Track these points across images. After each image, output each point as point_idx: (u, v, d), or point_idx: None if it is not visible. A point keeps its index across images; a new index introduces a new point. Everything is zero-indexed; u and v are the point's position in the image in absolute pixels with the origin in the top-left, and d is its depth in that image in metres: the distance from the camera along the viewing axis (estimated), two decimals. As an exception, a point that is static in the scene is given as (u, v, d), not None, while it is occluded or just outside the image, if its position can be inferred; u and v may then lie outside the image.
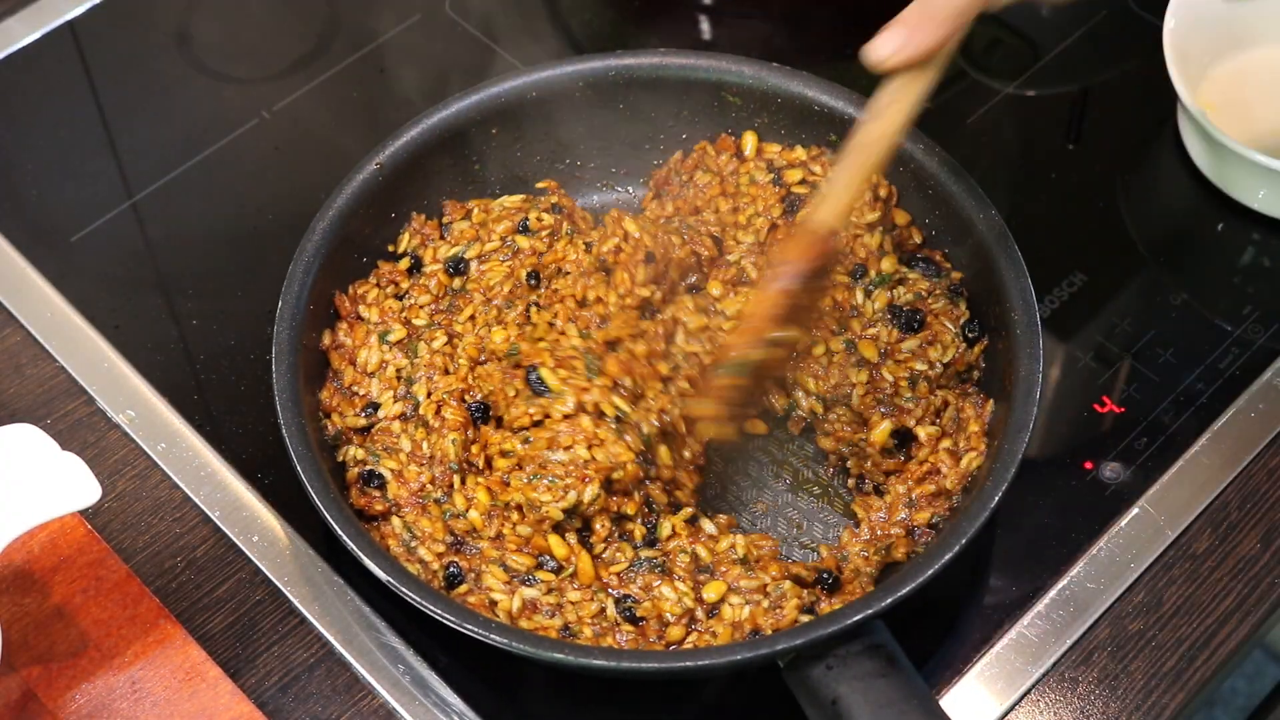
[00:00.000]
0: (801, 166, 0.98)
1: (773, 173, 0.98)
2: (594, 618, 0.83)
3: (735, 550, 0.85)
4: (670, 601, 0.83)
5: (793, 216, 0.96)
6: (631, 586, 0.84)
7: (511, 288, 0.94)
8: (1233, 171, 1.03)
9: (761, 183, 0.98)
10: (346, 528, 0.81)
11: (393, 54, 1.16)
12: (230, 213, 1.07)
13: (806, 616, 0.82)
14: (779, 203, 0.97)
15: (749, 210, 0.97)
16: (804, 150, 0.99)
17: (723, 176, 0.99)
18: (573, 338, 0.89)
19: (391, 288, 0.95)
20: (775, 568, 0.84)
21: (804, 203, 0.96)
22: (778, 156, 0.99)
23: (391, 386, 0.91)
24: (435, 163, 0.98)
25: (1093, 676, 0.86)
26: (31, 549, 0.87)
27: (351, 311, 0.93)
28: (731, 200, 0.98)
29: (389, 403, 0.90)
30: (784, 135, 1.00)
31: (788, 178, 0.98)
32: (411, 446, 0.88)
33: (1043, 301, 0.98)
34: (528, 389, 0.87)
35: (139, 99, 1.14)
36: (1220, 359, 0.97)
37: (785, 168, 0.98)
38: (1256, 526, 0.90)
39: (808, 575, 0.84)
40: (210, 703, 0.83)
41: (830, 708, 0.75)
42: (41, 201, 1.08)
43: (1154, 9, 1.08)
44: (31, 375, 0.98)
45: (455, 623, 0.78)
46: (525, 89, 0.98)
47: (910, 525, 0.87)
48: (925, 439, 0.88)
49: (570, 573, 0.84)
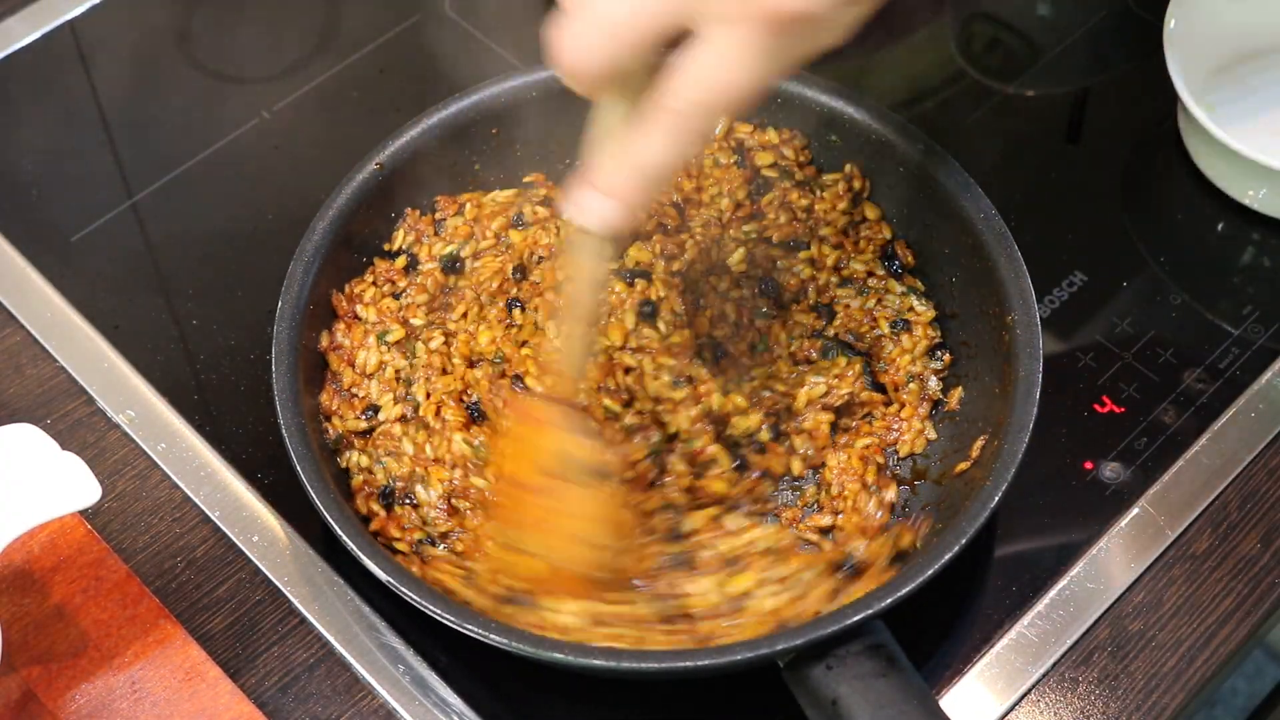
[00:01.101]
0: (773, 149, 0.98)
1: (738, 154, 0.98)
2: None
3: (758, 543, 0.85)
4: (697, 596, 0.83)
5: (759, 199, 0.97)
6: (659, 584, 0.84)
7: (500, 283, 0.94)
8: (1233, 171, 1.03)
9: (725, 164, 0.98)
10: (346, 528, 0.80)
11: (393, 54, 1.16)
12: (230, 213, 1.07)
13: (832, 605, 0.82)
14: (744, 184, 0.97)
15: (711, 190, 0.97)
16: (775, 133, 0.99)
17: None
18: (554, 339, 0.89)
19: (388, 286, 0.95)
20: (797, 560, 0.84)
21: (771, 186, 0.97)
22: (748, 137, 0.99)
23: (391, 388, 0.91)
24: (436, 162, 0.98)
25: (1093, 676, 0.86)
26: (31, 549, 0.87)
27: (349, 311, 0.93)
28: (695, 180, 0.98)
29: (389, 405, 0.90)
30: (763, 123, 1.00)
31: (758, 160, 0.98)
32: (414, 450, 0.88)
33: (1043, 301, 0.98)
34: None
35: (139, 99, 1.14)
36: (1220, 359, 0.97)
37: (755, 149, 0.98)
38: (1256, 526, 0.90)
39: (834, 558, 0.85)
40: (210, 703, 0.83)
41: (830, 708, 0.75)
42: (41, 201, 1.08)
43: (1154, 9, 1.08)
44: (31, 375, 0.98)
45: (455, 623, 0.78)
46: (526, 89, 0.98)
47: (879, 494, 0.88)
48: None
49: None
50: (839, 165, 0.98)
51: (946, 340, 0.93)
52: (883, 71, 1.15)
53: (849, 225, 0.97)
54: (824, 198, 0.97)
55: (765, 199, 0.97)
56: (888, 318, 0.94)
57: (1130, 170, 1.07)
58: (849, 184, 0.97)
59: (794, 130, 0.98)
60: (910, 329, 0.93)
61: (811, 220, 0.96)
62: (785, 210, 0.97)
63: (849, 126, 0.96)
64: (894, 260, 0.95)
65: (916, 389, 0.92)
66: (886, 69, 1.16)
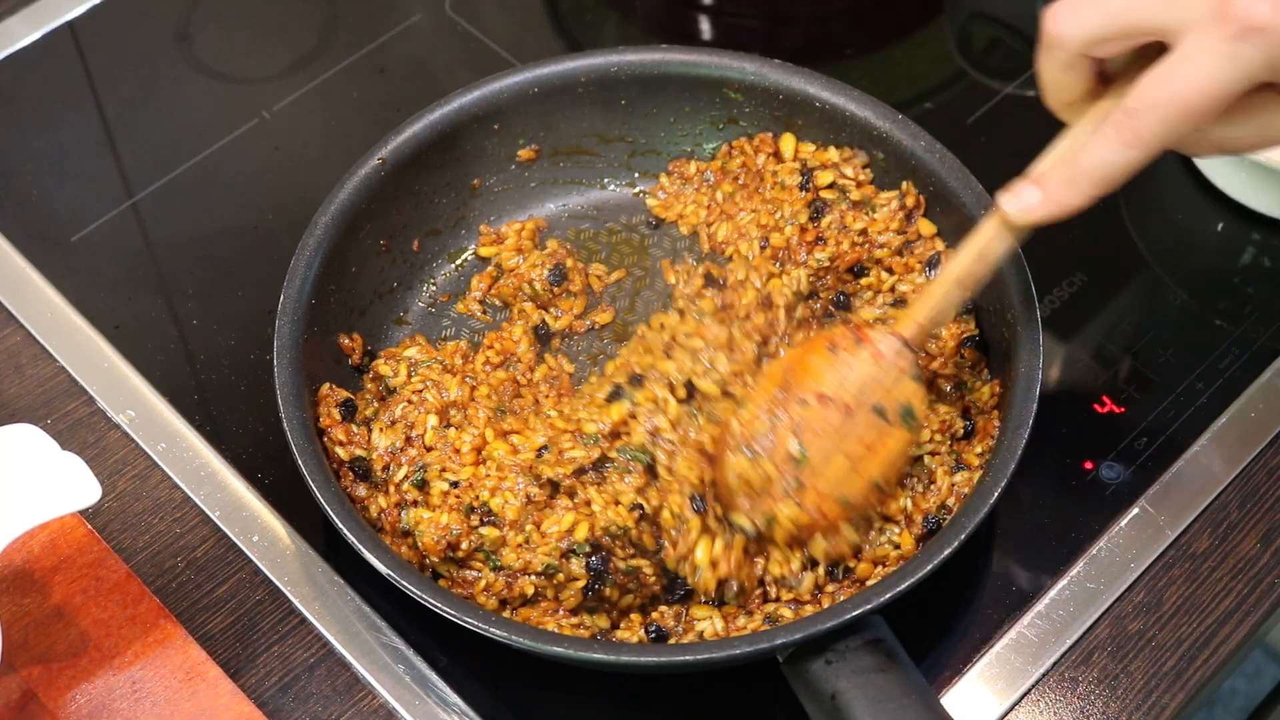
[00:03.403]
0: (833, 168, 0.97)
1: (804, 174, 0.97)
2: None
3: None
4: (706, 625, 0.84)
5: (818, 222, 0.96)
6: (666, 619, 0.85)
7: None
8: (1233, 172, 1.03)
9: (790, 185, 0.97)
10: (346, 520, 0.80)
11: (393, 54, 1.16)
12: (230, 213, 1.07)
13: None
14: (805, 208, 0.96)
15: (776, 215, 0.97)
16: (837, 151, 0.98)
17: (760, 175, 0.99)
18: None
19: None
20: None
21: (830, 209, 0.96)
22: (810, 156, 0.99)
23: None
24: (437, 158, 0.98)
25: (1093, 676, 0.86)
26: (31, 549, 0.87)
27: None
28: (756, 201, 0.98)
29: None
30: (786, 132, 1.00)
31: (819, 180, 0.97)
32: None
33: (1043, 301, 0.98)
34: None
35: (139, 99, 1.14)
36: (1220, 359, 0.97)
37: (817, 168, 0.98)
38: (1256, 526, 0.90)
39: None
40: (210, 703, 0.83)
41: (829, 702, 0.76)
42: (41, 201, 1.08)
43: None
44: (31, 375, 0.98)
45: (455, 616, 0.78)
46: (528, 85, 0.98)
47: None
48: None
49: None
50: (896, 183, 0.97)
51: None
52: (883, 71, 1.16)
53: (903, 245, 0.96)
54: (875, 219, 0.96)
55: (825, 221, 0.96)
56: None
57: (1130, 170, 1.07)
58: (902, 202, 0.96)
59: (855, 150, 0.98)
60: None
61: (867, 244, 0.95)
62: (846, 235, 0.95)
63: (850, 125, 0.97)
64: (934, 268, 0.95)
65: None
66: (886, 69, 1.16)
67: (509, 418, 0.89)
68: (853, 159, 0.98)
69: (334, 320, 0.93)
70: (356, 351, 0.94)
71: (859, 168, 0.97)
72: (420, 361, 0.92)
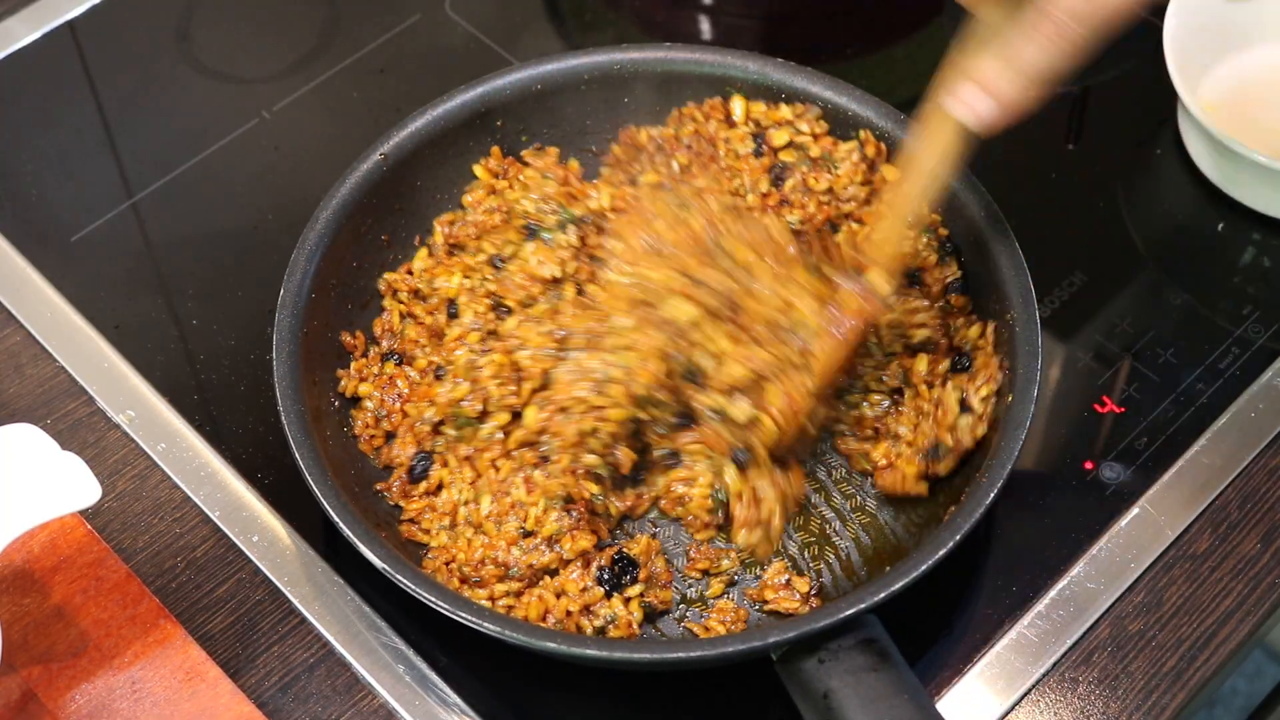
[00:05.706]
0: (788, 126, 0.97)
1: (757, 140, 0.97)
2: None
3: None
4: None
5: (781, 186, 0.96)
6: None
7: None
8: (1233, 171, 1.03)
9: (744, 154, 0.97)
10: (345, 517, 0.81)
11: (393, 54, 1.16)
12: (230, 213, 1.07)
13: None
14: (765, 174, 0.96)
15: (734, 183, 0.97)
16: (789, 108, 0.98)
17: (713, 141, 0.98)
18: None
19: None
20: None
21: (790, 171, 0.96)
22: (763, 116, 0.98)
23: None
24: (439, 154, 0.98)
25: (1093, 676, 0.86)
26: (31, 549, 0.87)
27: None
28: (713, 170, 0.98)
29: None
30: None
31: (775, 140, 0.97)
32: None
33: (1043, 301, 0.98)
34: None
35: (139, 99, 1.14)
36: (1220, 359, 0.97)
37: (771, 128, 0.97)
38: (1256, 526, 0.90)
39: None
40: (210, 703, 0.83)
41: (822, 701, 0.76)
42: (41, 201, 1.08)
43: (1154, 9, 1.08)
44: (31, 375, 0.98)
45: (450, 610, 0.78)
46: (530, 81, 0.98)
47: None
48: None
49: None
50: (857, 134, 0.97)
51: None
52: (883, 71, 1.16)
53: (870, 195, 0.95)
54: (839, 175, 0.96)
55: (788, 185, 0.96)
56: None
57: (1130, 170, 1.07)
58: (863, 153, 0.95)
59: (806, 104, 0.97)
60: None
61: (834, 200, 0.96)
62: (811, 196, 0.96)
63: (853, 124, 0.97)
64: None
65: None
66: (886, 69, 1.16)
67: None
68: (805, 114, 0.97)
69: (334, 315, 0.93)
70: (359, 348, 0.94)
71: (814, 120, 0.97)
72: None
